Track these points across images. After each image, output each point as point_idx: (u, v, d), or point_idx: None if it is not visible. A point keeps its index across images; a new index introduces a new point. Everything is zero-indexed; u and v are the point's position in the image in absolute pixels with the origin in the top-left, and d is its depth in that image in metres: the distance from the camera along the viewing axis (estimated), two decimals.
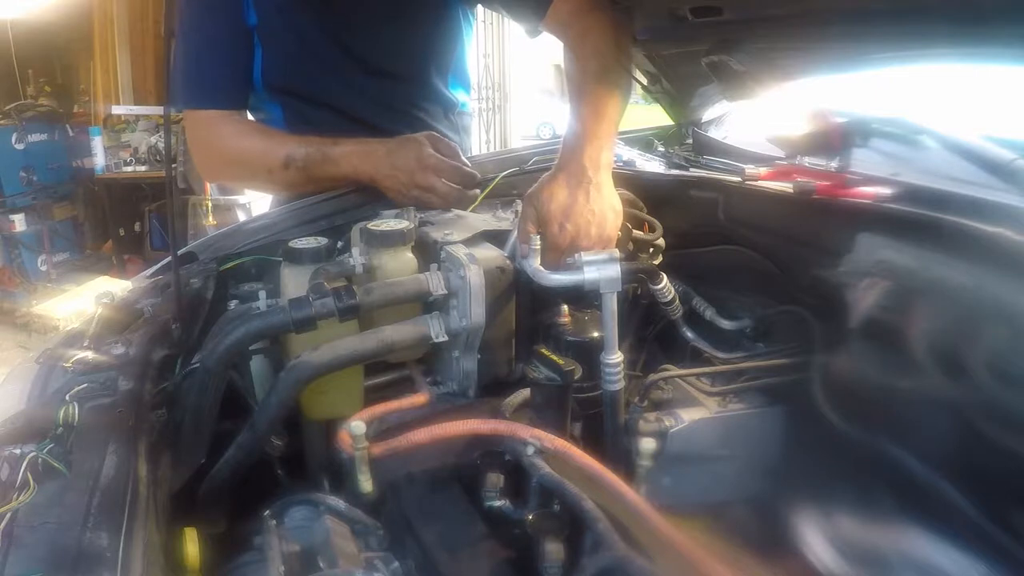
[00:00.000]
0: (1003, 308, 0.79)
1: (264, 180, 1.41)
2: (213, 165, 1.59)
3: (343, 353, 0.93)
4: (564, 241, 1.09)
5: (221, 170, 1.61)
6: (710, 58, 1.34)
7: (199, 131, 1.50)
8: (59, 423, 0.74)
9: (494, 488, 0.83)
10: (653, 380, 1.05)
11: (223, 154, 1.49)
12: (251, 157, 1.40)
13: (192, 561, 0.72)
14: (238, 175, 1.54)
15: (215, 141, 1.47)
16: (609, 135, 1.19)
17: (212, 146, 1.49)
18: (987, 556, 0.75)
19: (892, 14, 1.05)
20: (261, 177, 1.40)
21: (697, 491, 1.00)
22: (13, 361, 2.10)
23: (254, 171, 1.40)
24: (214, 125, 1.46)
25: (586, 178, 1.12)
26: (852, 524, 0.84)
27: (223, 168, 1.57)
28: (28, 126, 5.12)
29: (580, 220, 1.10)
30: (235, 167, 1.50)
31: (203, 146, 1.53)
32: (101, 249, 5.78)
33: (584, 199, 1.10)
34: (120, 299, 1.08)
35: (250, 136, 1.44)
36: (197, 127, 1.50)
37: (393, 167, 1.29)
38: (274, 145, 1.38)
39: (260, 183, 1.47)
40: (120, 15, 5.34)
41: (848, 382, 0.94)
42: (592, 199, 1.11)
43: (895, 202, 1.00)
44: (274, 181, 1.39)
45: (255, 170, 1.39)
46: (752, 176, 1.25)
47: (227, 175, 1.61)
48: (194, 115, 1.49)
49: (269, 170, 1.36)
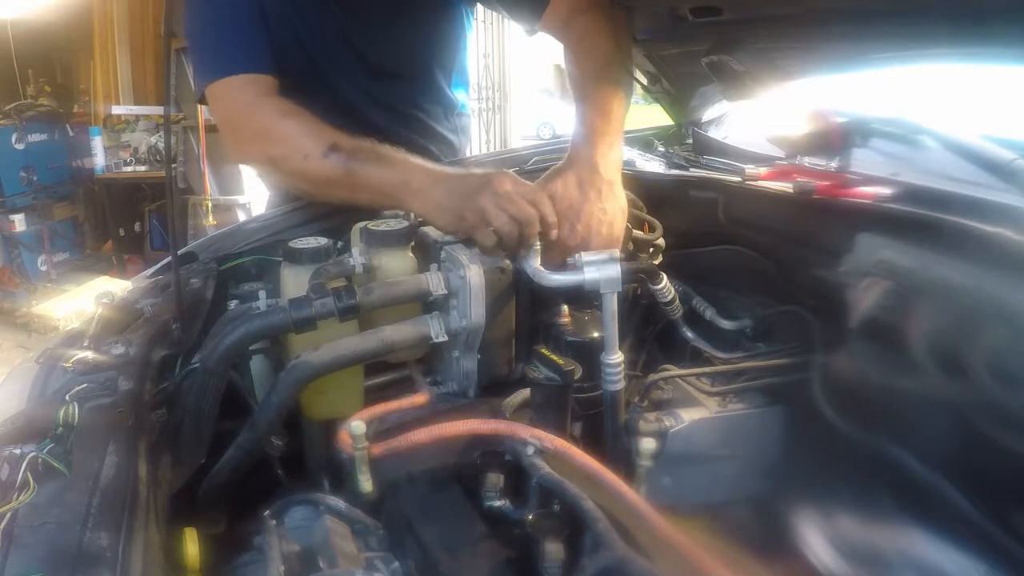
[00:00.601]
0: (1003, 308, 0.79)
1: (294, 167, 1.22)
2: (244, 140, 1.35)
3: (343, 353, 0.93)
4: (574, 240, 1.09)
5: (252, 147, 1.33)
6: (710, 58, 1.34)
7: (229, 104, 1.33)
8: (59, 423, 0.74)
9: (494, 488, 0.83)
10: (653, 380, 1.05)
11: (258, 128, 1.28)
12: (289, 136, 1.23)
13: (192, 561, 0.72)
14: (270, 154, 1.26)
15: (248, 113, 1.29)
16: (617, 134, 1.19)
17: (245, 119, 1.31)
18: (987, 556, 0.75)
19: (892, 14, 1.05)
20: (293, 161, 1.21)
21: (697, 491, 1.00)
22: (13, 361, 2.10)
23: (288, 152, 1.22)
24: (247, 95, 1.29)
25: (598, 177, 1.12)
26: (852, 524, 0.84)
27: (255, 144, 1.31)
28: (28, 126, 5.11)
29: (592, 220, 1.09)
30: (269, 144, 1.27)
31: (233, 119, 1.35)
32: (101, 249, 5.77)
33: (596, 198, 1.10)
34: (120, 299, 1.08)
35: (294, 116, 1.25)
36: (227, 100, 1.33)
37: (458, 183, 1.10)
38: (319, 129, 1.21)
39: (288, 170, 1.25)
40: (120, 15, 5.34)
41: (848, 382, 0.94)
42: (604, 198, 1.11)
43: (895, 202, 1.00)
44: (306, 170, 1.20)
45: (289, 151, 1.21)
46: (752, 176, 1.25)
47: (257, 154, 1.31)
48: (223, 88, 1.31)
49: (306, 155, 1.19)
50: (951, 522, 0.78)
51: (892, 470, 0.84)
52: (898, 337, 0.87)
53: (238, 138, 1.35)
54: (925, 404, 0.84)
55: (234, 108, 1.32)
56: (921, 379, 0.84)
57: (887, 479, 0.85)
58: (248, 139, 1.31)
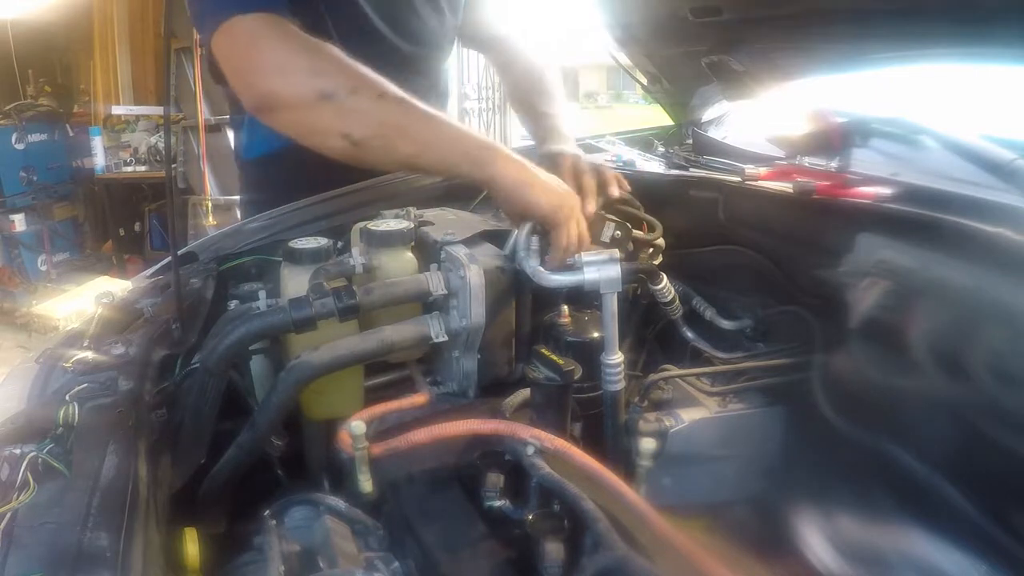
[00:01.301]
0: (1003, 308, 0.79)
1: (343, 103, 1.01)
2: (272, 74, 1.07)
3: (343, 353, 0.93)
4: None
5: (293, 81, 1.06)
6: (710, 58, 1.34)
7: (252, 39, 1.08)
8: (59, 423, 0.74)
9: (494, 488, 0.83)
10: (653, 380, 1.05)
11: (298, 61, 1.05)
12: (339, 68, 1.04)
13: (192, 561, 0.72)
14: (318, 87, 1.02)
15: (282, 46, 1.07)
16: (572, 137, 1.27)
17: (277, 52, 1.07)
18: (987, 556, 0.75)
19: (892, 14, 1.05)
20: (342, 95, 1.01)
21: (697, 491, 1.00)
22: (13, 361, 2.10)
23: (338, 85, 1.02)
24: (276, 29, 1.08)
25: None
26: (852, 524, 0.84)
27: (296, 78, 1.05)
28: (28, 126, 5.11)
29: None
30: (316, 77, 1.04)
31: (261, 53, 1.09)
32: (101, 249, 5.77)
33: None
34: (120, 299, 1.08)
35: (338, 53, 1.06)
36: (251, 34, 1.08)
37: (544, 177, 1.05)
38: (353, 65, 1.04)
39: (336, 108, 1.02)
40: (120, 15, 5.34)
41: (848, 382, 0.94)
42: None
43: (895, 202, 1.00)
44: (355, 107, 1.02)
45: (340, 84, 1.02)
46: (752, 176, 1.25)
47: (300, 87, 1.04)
48: (245, 23, 1.08)
49: (379, 94, 1.02)
50: (951, 522, 0.78)
51: (892, 470, 0.84)
52: (898, 337, 0.87)
53: (266, 73, 1.08)
54: (925, 404, 0.84)
55: (263, 42, 1.08)
56: (921, 379, 0.84)
57: (887, 479, 0.85)
58: (283, 72, 1.07)
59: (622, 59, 1.68)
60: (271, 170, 1.54)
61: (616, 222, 1.15)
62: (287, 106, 1.05)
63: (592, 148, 1.61)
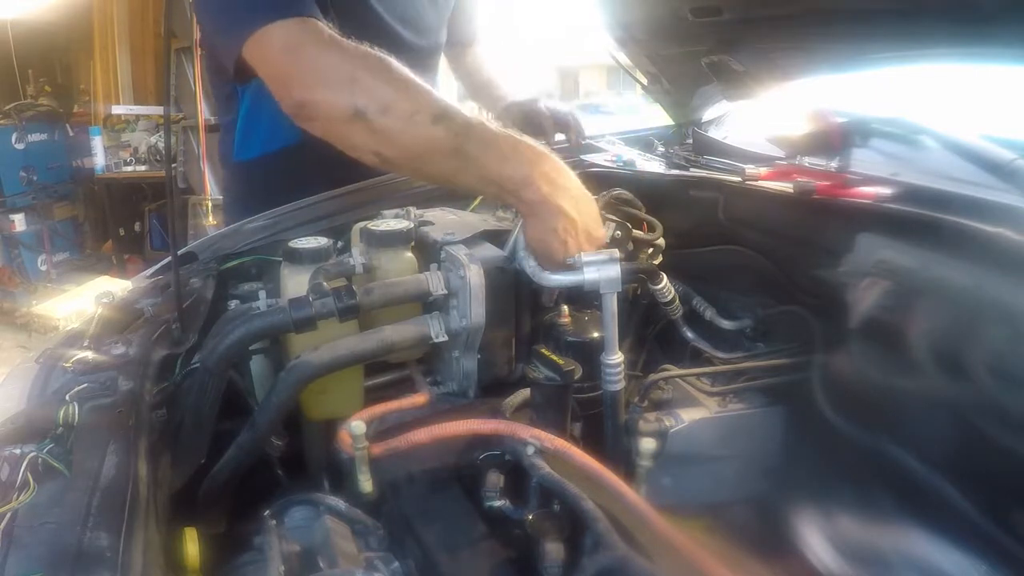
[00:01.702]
0: (1003, 308, 0.79)
1: (390, 124, 0.99)
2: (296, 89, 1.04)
3: (343, 353, 0.93)
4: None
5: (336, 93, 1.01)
6: (710, 58, 1.34)
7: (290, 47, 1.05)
8: (59, 423, 0.74)
9: (494, 488, 0.83)
10: (653, 380, 1.05)
11: (345, 73, 1.01)
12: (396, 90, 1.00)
13: (192, 561, 0.72)
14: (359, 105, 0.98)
15: (304, 54, 1.03)
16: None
17: (323, 61, 1.03)
18: (987, 556, 0.75)
19: (892, 14, 1.05)
20: (393, 117, 0.98)
21: (697, 491, 1.00)
22: (13, 361, 2.10)
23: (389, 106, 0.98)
24: (317, 35, 1.04)
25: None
26: (852, 524, 0.84)
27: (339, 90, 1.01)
28: (28, 126, 5.11)
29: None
30: (359, 94, 0.99)
31: (284, 64, 1.06)
32: (101, 249, 5.77)
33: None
34: (120, 299, 1.08)
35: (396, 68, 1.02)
36: (289, 41, 1.05)
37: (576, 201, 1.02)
38: (425, 90, 1.01)
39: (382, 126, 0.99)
40: (120, 15, 5.34)
41: (848, 382, 0.94)
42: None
43: (895, 202, 1.00)
44: (405, 131, 0.99)
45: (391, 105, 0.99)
46: (752, 176, 1.25)
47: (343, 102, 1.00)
48: (282, 30, 1.05)
49: (413, 114, 0.98)
50: (951, 522, 0.78)
51: (892, 470, 0.84)
52: (898, 337, 0.87)
53: (306, 83, 1.03)
54: (925, 404, 0.84)
55: (302, 50, 1.04)
56: (921, 379, 0.84)
57: (887, 479, 0.85)
58: (322, 84, 1.02)
59: (622, 59, 1.67)
60: (266, 172, 1.53)
61: (616, 222, 1.15)
62: (324, 118, 1.03)
63: (592, 148, 1.61)
